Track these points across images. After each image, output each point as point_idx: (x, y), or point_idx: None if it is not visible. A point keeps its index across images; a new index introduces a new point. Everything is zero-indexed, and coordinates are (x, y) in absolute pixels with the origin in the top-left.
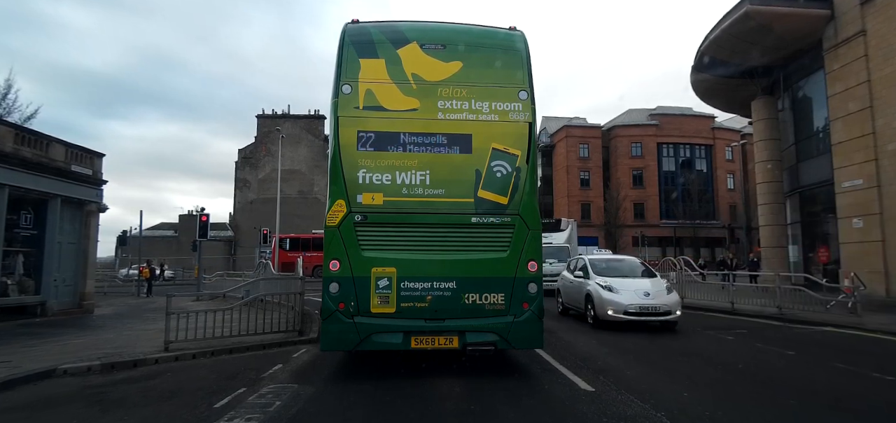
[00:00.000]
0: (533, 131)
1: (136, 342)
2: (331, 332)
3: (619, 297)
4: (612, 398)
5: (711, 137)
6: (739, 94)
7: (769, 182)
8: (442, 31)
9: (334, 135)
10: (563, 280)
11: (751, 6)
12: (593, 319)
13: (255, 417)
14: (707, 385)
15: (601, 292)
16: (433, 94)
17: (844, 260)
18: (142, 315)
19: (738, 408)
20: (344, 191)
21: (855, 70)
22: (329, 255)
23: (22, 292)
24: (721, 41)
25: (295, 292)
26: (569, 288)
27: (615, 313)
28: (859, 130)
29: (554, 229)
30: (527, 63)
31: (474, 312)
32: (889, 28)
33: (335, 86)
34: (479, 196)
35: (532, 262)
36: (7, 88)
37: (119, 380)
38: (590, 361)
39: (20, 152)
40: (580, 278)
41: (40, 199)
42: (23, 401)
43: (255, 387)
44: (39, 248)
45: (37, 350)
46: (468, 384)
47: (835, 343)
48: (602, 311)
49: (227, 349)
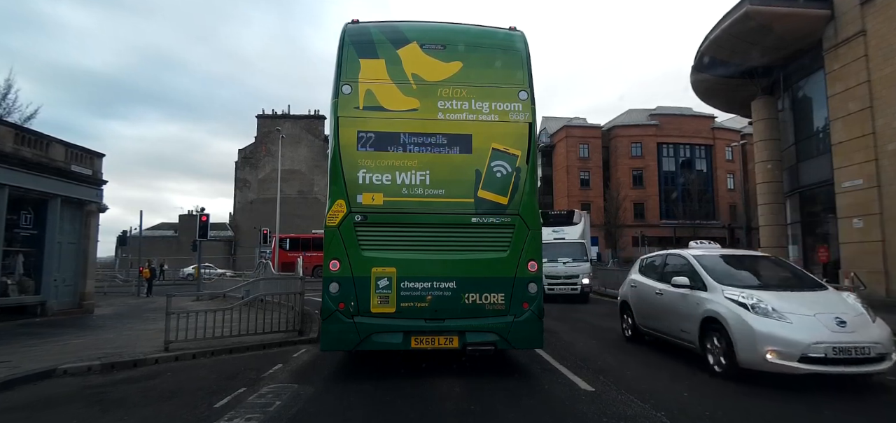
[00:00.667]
0: (533, 131)
1: (136, 342)
2: (331, 332)
3: (787, 328)
4: (612, 397)
5: (711, 137)
6: (739, 94)
7: (769, 182)
8: (442, 31)
9: (334, 135)
10: (635, 289)
11: (751, 6)
12: (727, 364)
13: (255, 417)
14: (707, 385)
15: (748, 318)
16: (433, 94)
17: (844, 260)
18: (142, 315)
19: (739, 408)
20: (344, 191)
21: (855, 70)
22: (329, 255)
23: (22, 292)
24: (721, 41)
25: (295, 292)
26: (654, 303)
27: (782, 357)
28: (859, 130)
29: (565, 222)
30: (527, 63)
31: (474, 312)
32: (889, 28)
33: (335, 86)
34: (479, 196)
35: (532, 262)
36: (7, 88)
37: (119, 380)
38: (590, 361)
39: (20, 152)
40: (682, 289)
41: (40, 199)
42: (23, 401)
43: (255, 387)
44: (39, 248)
45: (37, 350)
46: (468, 384)
47: None
48: (752, 351)
49: (227, 349)
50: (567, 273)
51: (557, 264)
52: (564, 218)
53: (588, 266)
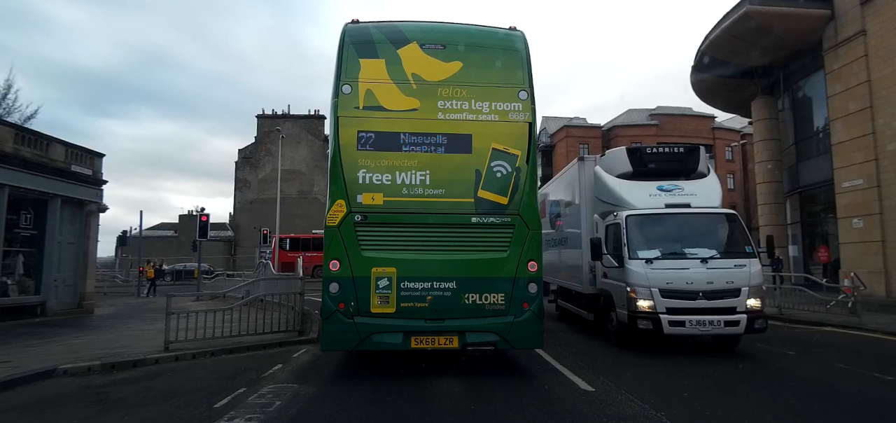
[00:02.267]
0: (533, 131)
1: (136, 342)
2: (331, 332)
3: None
4: (612, 397)
5: (711, 137)
6: (739, 94)
7: (769, 182)
8: (442, 31)
9: (334, 135)
10: None
11: (751, 6)
12: None
13: (255, 417)
14: (707, 385)
15: None
16: (433, 94)
17: (844, 260)
18: (142, 315)
19: (739, 409)
20: (344, 191)
21: (855, 70)
22: (329, 255)
23: (22, 292)
24: (721, 41)
25: (295, 292)
26: None
27: None
28: (859, 130)
29: (682, 168)
30: (527, 63)
31: (474, 312)
32: (889, 28)
33: (335, 86)
34: (479, 196)
35: (532, 262)
36: (7, 89)
37: (119, 380)
38: (590, 361)
39: (20, 153)
40: None
41: (40, 199)
42: (23, 401)
43: (255, 387)
44: (39, 248)
45: (37, 350)
46: (468, 384)
47: (835, 343)
48: None
49: (227, 349)
50: (714, 287)
51: (686, 266)
52: (679, 159)
53: (756, 267)
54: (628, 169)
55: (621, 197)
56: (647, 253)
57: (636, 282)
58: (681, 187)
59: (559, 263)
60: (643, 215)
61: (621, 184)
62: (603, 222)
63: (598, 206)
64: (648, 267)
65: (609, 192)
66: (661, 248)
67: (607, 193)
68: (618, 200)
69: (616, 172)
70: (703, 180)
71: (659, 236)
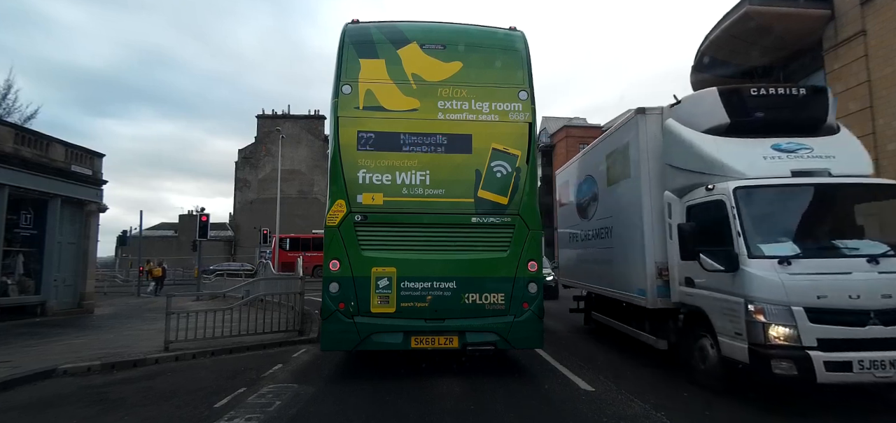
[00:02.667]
0: (533, 131)
1: (136, 342)
2: (331, 332)
3: None
4: (612, 397)
5: None
6: None
7: None
8: (442, 31)
9: (334, 135)
10: None
11: (751, 6)
12: None
13: (255, 417)
14: (707, 385)
15: None
16: (433, 94)
17: None
18: (142, 315)
19: (739, 409)
20: (344, 191)
21: (855, 70)
22: (329, 255)
23: (22, 292)
24: (721, 41)
25: (295, 292)
26: None
27: None
28: (859, 130)
29: (803, 122)
30: (527, 63)
31: (474, 312)
32: (889, 28)
33: (335, 86)
34: (479, 196)
35: (532, 262)
36: (7, 89)
37: (119, 380)
38: (590, 361)
39: (20, 152)
40: None
41: (40, 199)
42: (23, 401)
43: (255, 387)
44: (39, 248)
45: (37, 350)
46: (468, 383)
47: None
48: None
49: (227, 349)
50: (893, 304)
51: (847, 268)
52: (800, 105)
53: None
54: (723, 120)
55: (719, 161)
56: (777, 248)
57: (765, 296)
58: (808, 147)
59: (593, 262)
60: (766, 186)
61: (718, 142)
62: (681, 201)
63: (672, 177)
64: (784, 271)
65: (694, 155)
66: (795, 240)
67: (690, 157)
68: (711, 167)
69: (703, 127)
70: (838, 136)
71: (790, 222)
